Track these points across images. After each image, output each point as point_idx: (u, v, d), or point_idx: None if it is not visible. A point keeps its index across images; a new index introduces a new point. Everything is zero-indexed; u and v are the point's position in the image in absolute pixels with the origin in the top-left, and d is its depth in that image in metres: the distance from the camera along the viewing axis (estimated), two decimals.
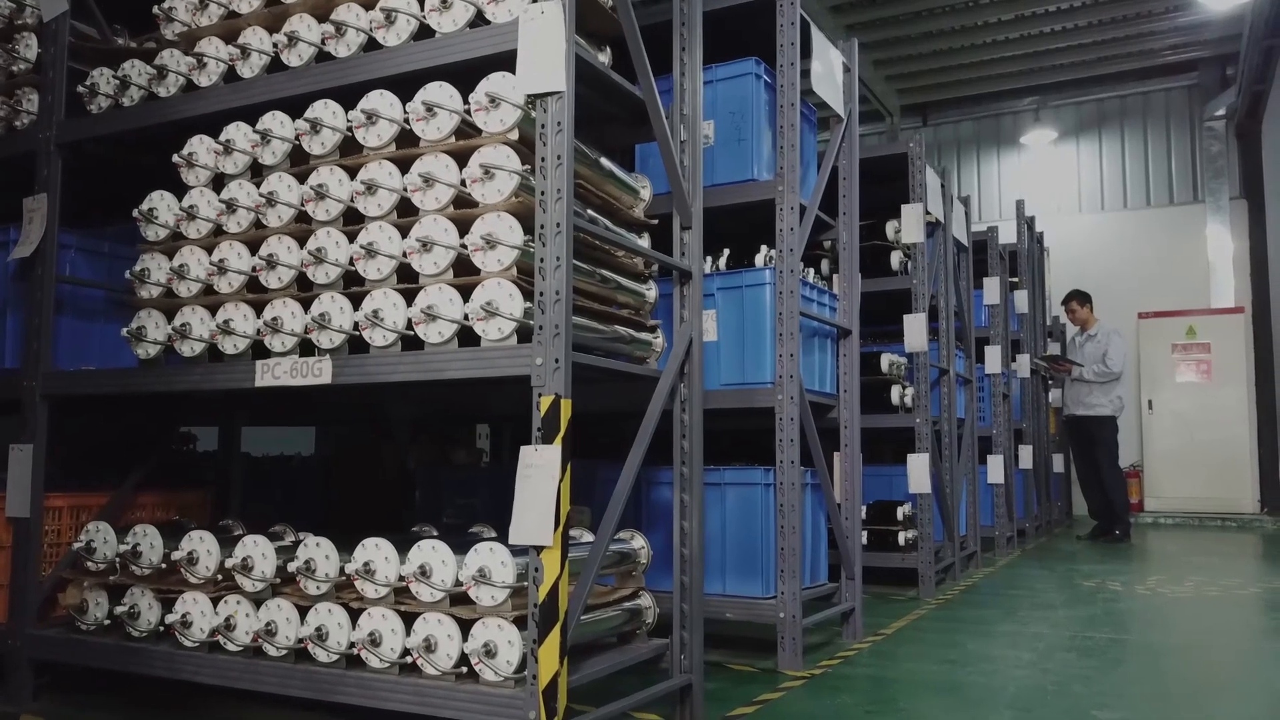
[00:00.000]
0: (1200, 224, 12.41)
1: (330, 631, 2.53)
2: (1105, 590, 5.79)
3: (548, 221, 2.31)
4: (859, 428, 4.40)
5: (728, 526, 3.88)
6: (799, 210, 3.81)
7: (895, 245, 5.92)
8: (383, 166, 2.58)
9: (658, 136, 2.89)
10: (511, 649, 2.31)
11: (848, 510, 4.34)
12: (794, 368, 3.72)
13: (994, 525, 7.77)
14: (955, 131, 14.32)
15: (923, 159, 5.75)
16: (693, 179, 3.04)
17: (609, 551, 2.87)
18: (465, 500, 4.44)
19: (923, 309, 5.65)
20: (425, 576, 2.42)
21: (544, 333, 2.30)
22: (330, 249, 2.63)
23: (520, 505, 2.27)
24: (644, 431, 2.75)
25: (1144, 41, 12.15)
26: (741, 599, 3.80)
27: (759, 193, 3.87)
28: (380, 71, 2.63)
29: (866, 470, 6.42)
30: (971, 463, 6.93)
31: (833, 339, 4.42)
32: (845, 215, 4.47)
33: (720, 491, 3.90)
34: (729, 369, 3.91)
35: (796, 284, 3.78)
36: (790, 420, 3.71)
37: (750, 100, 3.96)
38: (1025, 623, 4.69)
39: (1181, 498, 11.78)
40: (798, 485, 3.69)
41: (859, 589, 4.31)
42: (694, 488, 2.96)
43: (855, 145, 4.52)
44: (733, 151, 3.98)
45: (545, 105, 2.35)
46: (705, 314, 3.92)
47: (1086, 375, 8.89)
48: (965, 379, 6.97)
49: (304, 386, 2.62)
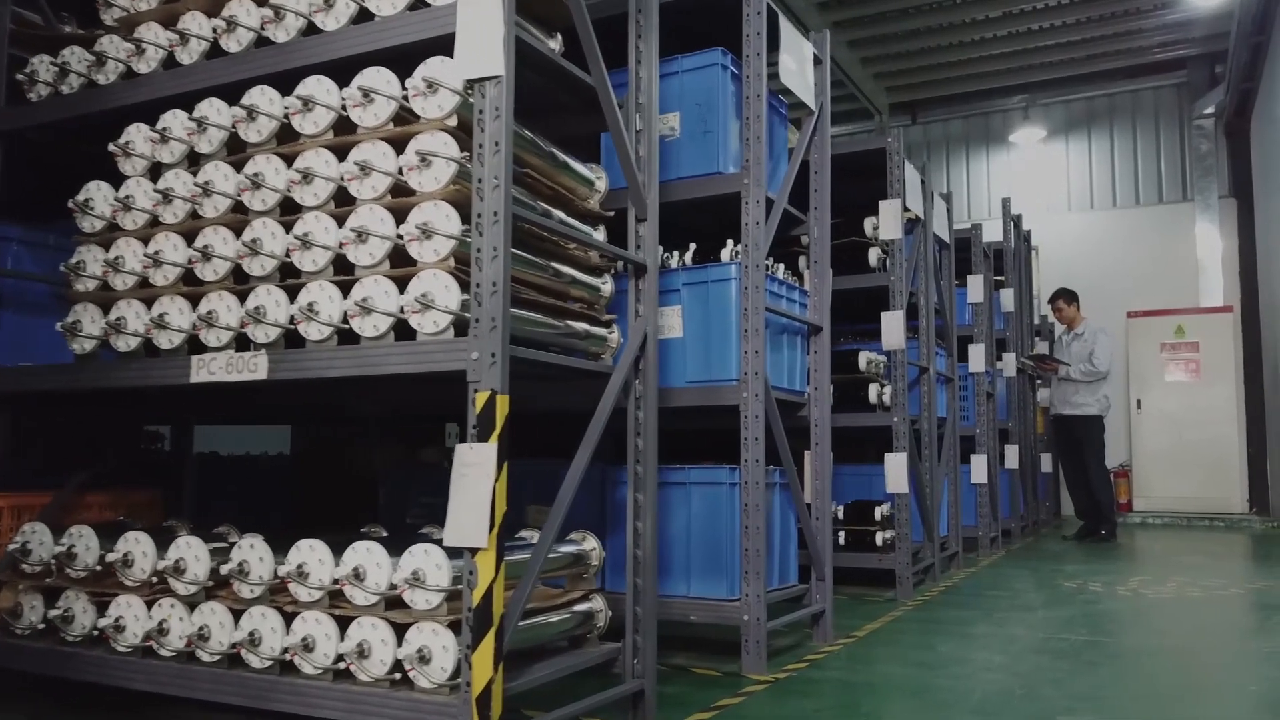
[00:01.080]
0: (1189, 223, 12.34)
1: (264, 636, 2.44)
2: (1086, 591, 5.72)
3: (484, 210, 2.23)
4: (829, 426, 4.32)
5: (693, 527, 3.80)
6: (765, 204, 3.73)
7: (873, 242, 5.84)
8: (319, 155, 2.50)
9: (610, 125, 2.81)
10: (446, 655, 2.22)
11: (818, 510, 4.26)
12: (759, 364, 3.64)
13: (977, 525, 7.69)
14: (944, 130, 14.25)
15: (901, 154, 5.67)
16: (648, 170, 2.96)
17: (560, 553, 2.79)
18: (430, 500, 4.36)
19: (900, 306, 5.57)
20: (359, 580, 2.34)
21: (480, 325, 2.21)
22: (266, 240, 2.54)
23: (455, 506, 2.19)
24: (593, 429, 2.66)
25: (1132, 39, 12.09)
26: (706, 601, 3.71)
27: (724, 186, 3.79)
28: (318, 57, 2.54)
29: (846, 469, 6.36)
30: (953, 462, 6.86)
31: (803, 336, 4.34)
32: (816, 210, 4.39)
33: (685, 491, 3.82)
34: (694, 366, 3.83)
35: (762, 279, 3.69)
36: (755, 418, 3.63)
37: (716, 92, 3.87)
38: (1001, 624, 4.61)
39: (1170, 498, 11.72)
40: (762, 485, 3.61)
41: (829, 590, 4.22)
42: (648, 487, 2.87)
43: (827, 139, 4.44)
44: (698, 144, 3.89)
45: (483, 90, 2.26)
46: (670, 310, 3.85)
47: (1073, 374, 8.81)
48: (947, 378, 6.89)
49: (241, 383, 2.53)
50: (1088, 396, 8.77)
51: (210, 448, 5.25)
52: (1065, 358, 9.01)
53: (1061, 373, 8.95)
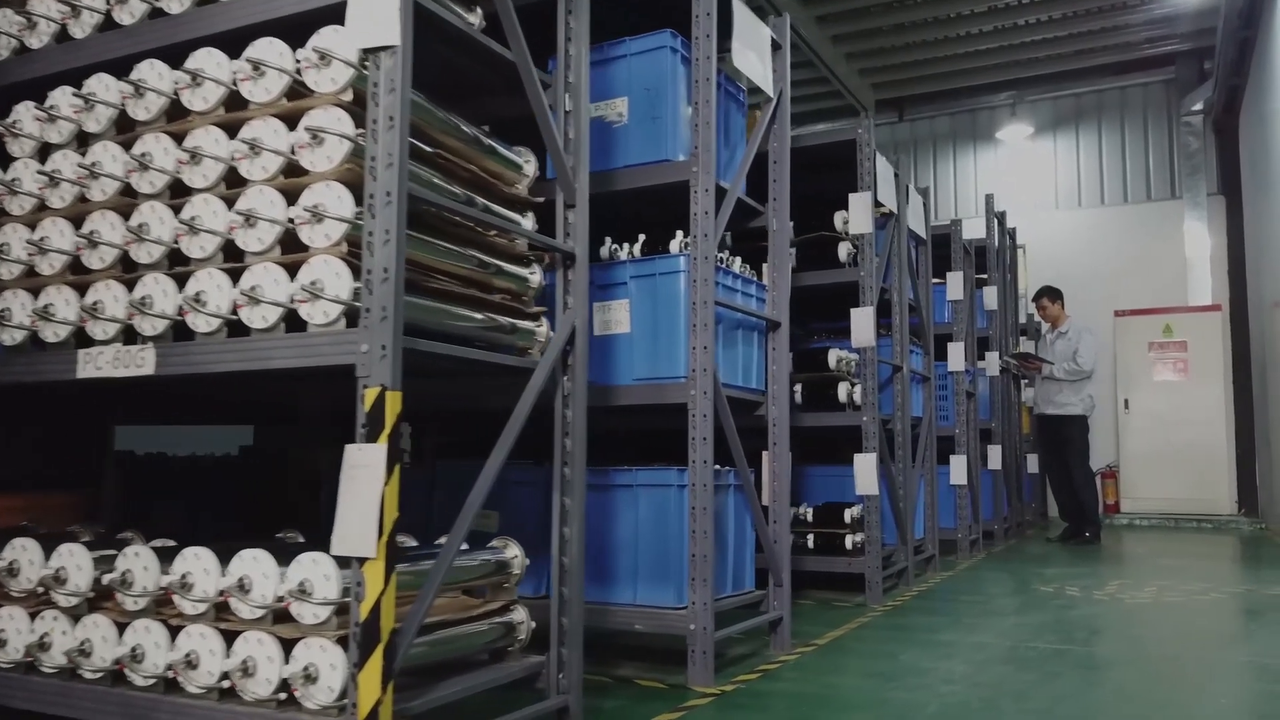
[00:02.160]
0: (1178, 221, 12.19)
1: (147, 652, 2.26)
2: (1062, 596, 5.55)
3: (377, 190, 2.05)
4: (788, 426, 4.15)
5: (640, 531, 3.62)
6: (714, 193, 3.55)
7: (844, 236, 5.66)
8: (209, 133, 2.32)
9: (532, 104, 2.64)
10: (335, 674, 2.05)
11: (776, 512, 4.09)
12: (707, 361, 3.47)
13: (956, 528, 7.53)
14: (931, 127, 14.08)
15: (872, 146, 5.50)
16: (577, 153, 2.79)
17: (479, 561, 2.62)
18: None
19: (870, 303, 5.39)
20: (244, 591, 2.16)
21: (370, 316, 2.04)
22: (154, 225, 2.36)
23: (342, 512, 2.01)
24: (510, 429, 2.49)
25: (1120, 35, 11.93)
26: (652, 609, 3.54)
27: (673, 174, 3.61)
28: (211, 27, 2.37)
29: (818, 470, 6.20)
30: (930, 463, 6.69)
31: (761, 332, 4.16)
32: (775, 202, 4.22)
33: (632, 494, 3.65)
34: (642, 362, 3.65)
35: (711, 272, 3.52)
36: (703, 417, 3.45)
37: (665, 76, 3.69)
38: (969, 631, 4.44)
39: (1158, 499, 11.56)
40: (710, 487, 3.43)
41: (788, 596, 4.05)
42: (575, 491, 2.70)
43: (786, 128, 4.26)
44: (647, 130, 3.71)
45: (378, 61, 2.09)
46: (617, 304, 3.68)
47: (1057, 373, 8.65)
48: (923, 376, 6.72)
49: (131, 378, 2.36)
50: (1072, 396, 8.62)
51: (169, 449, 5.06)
52: (1049, 356, 8.85)
53: (1045, 372, 8.79)
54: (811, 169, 6.08)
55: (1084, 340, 8.64)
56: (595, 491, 3.72)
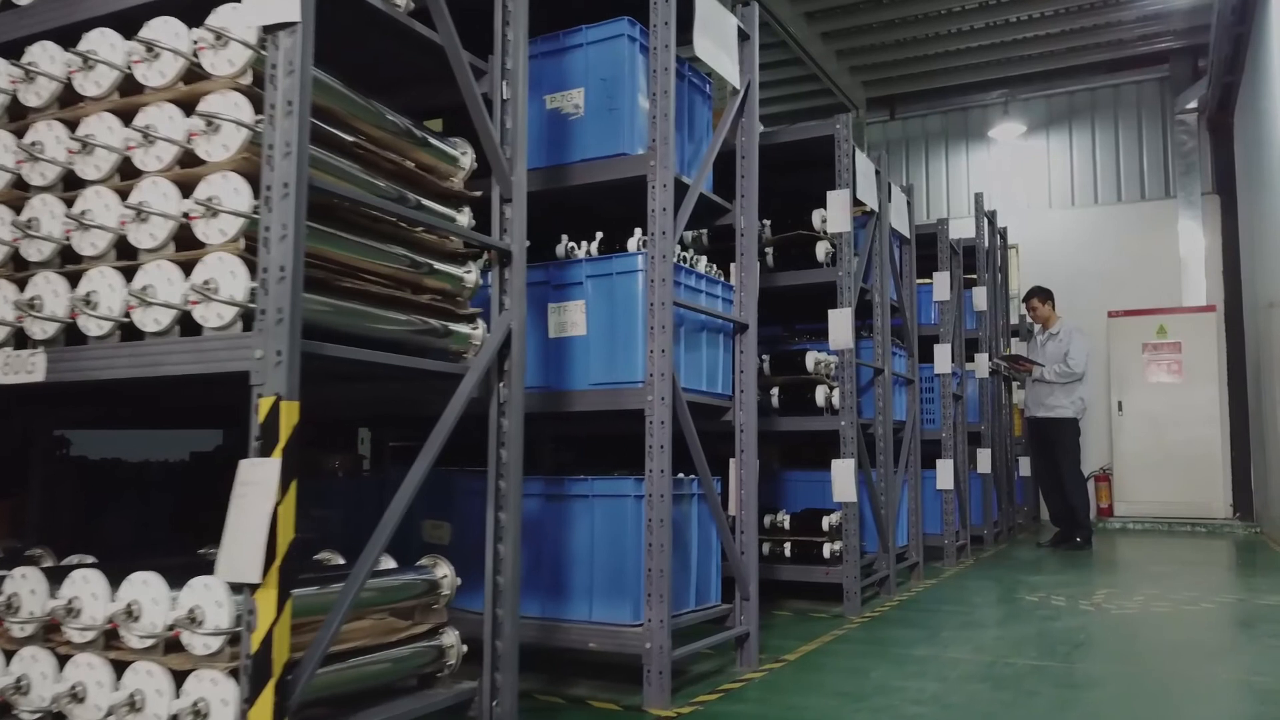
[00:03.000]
0: (1172, 220, 12.02)
1: (33, 683, 2.08)
2: (1047, 606, 5.38)
3: (274, 181, 1.88)
4: (755, 432, 3.98)
5: (596, 544, 3.45)
6: (673, 188, 3.38)
7: (822, 235, 5.49)
8: (103, 120, 2.14)
9: (462, 91, 2.46)
10: (225, 710, 1.87)
11: (744, 522, 3.92)
12: (666, 365, 3.29)
13: (943, 534, 7.36)
14: (923, 125, 13.91)
15: (850, 141, 5.32)
16: (514, 144, 2.61)
17: (405, 581, 2.44)
18: (321, 514, 4.00)
19: (849, 304, 5.22)
20: (132, 618, 1.98)
21: (265, 319, 1.86)
22: (45, 220, 2.19)
23: (229, 533, 1.84)
24: (434, 439, 2.31)
25: (1113, 31, 11.76)
26: (607, 626, 3.36)
27: (630, 168, 3.44)
28: (106, 6, 2.19)
29: (799, 476, 6.02)
30: (914, 468, 6.51)
31: (728, 334, 3.99)
32: (744, 198, 4.05)
33: (588, 505, 3.47)
34: (598, 366, 3.48)
35: (669, 271, 3.34)
36: (661, 424, 3.27)
37: (623, 65, 3.52)
38: (946, 645, 4.26)
39: (1152, 502, 11.39)
40: (668, 498, 3.26)
41: (755, 611, 3.87)
42: (510, 504, 2.53)
43: (754, 121, 4.09)
44: (604, 123, 3.54)
45: (276, 41, 1.91)
46: (573, 305, 3.51)
47: (1048, 376, 8.44)
48: (906, 379, 6.55)
49: (20, 385, 2.18)
50: (1063, 398, 8.42)
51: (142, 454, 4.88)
52: (1039, 358, 8.66)
53: (1036, 374, 8.55)
54: (790, 166, 5.93)
55: (1074, 342, 8.44)
56: (551, 501, 3.55)
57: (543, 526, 3.54)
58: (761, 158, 5.75)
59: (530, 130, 3.60)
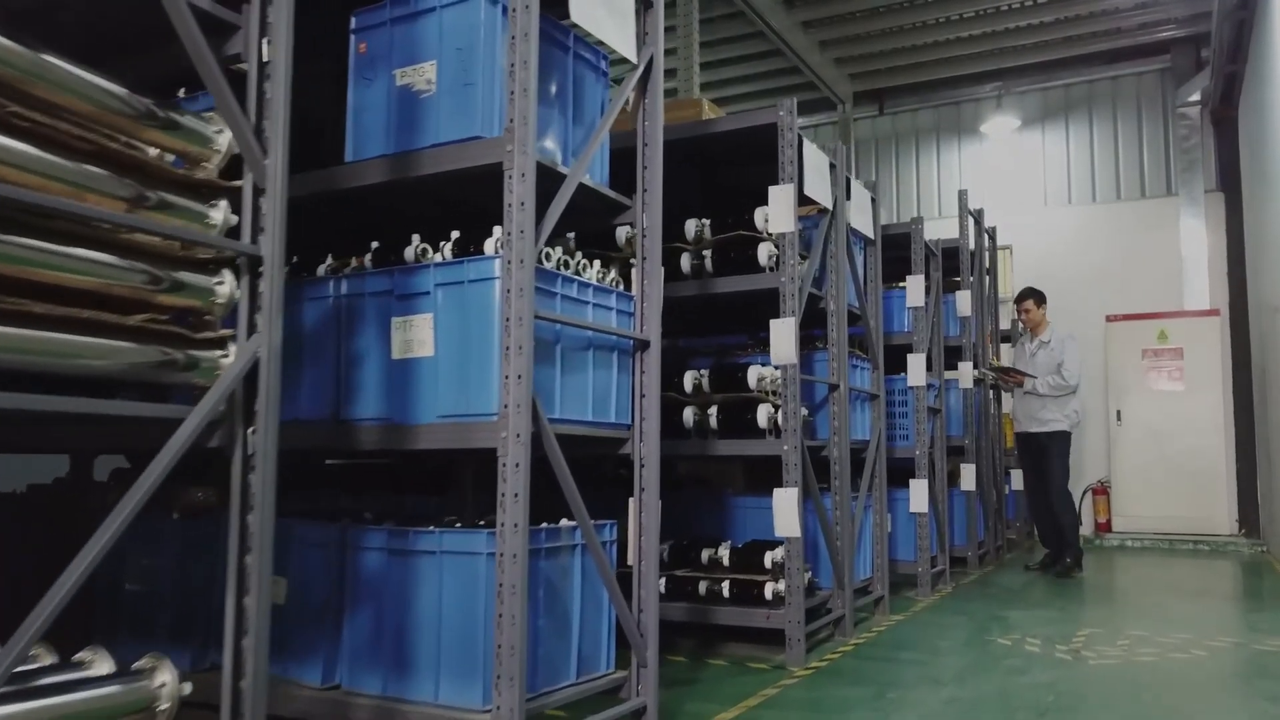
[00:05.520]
0: (1174, 219, 11.37)
1: None
2: (1019, 653, 4.77)
3: None
4: (658, 467, 3.38)
5: (445, 610, 2.86)
6: (535, 177, 2.79)
7: (766, 236, 4.89)
8: None
9: (186, 44, 1.88)
10: None
11: (643, 575, 3.33)
12: (524, 395, 2.70)
13: (917, 560, 6.75)
14: (913, 120, 13.28)
15: (794, 130, 4.72)
16: (275, 118, 2.03)
17: (102, 697, 1.85)
18: (149, 561, 3.43)
19: (793, 313, 4.63)
20: None
21: None
22: None
23: None
24: (132, 495, 1.73)
25: (1111, 20, 11.12)
26: (453, 711, 2.78)
27: (483, 154, 2.85)
28: None
29: (749, 503, 5.43)
30: (880, 491, 5.92)
31: (625, 353, 3.40)
32: (646, 193, 3.45)
33: (436, 563, 2.89)
34: (448, 395, 2.89)
35: (529, 279, 2.76)
36: (515, 468, 2.68)
37: (480, 31, 2.94)
38: (890, 711, 3.66)
39: (1152, 517, 10.74)
40: (521, 558, 2.66)
41: (653, 680, 3.28)
42: (260, 546, 1.94)
43: (658, 102, 3.50)
44: (458, 101, 2.95)
45: None
46: (419, 320, 2.92)
47: (1040, 389, 7.79)
48: (870, 394, 5.95)
49: None
50: (1056, 411, 7.79)
51: None
52: (1029, 368, 8.01)
53: (1028, 386, 7.90)
54: (734, 160, 5.35)
55: (1069, 351, 7.80)
56: (395, 557, 2.97)
57: (386, 586, 2.96)
58: (702, 150, 5.23)
59: (377, 111, 3.06)
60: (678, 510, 5.57)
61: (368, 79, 3.10)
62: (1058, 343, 7.88)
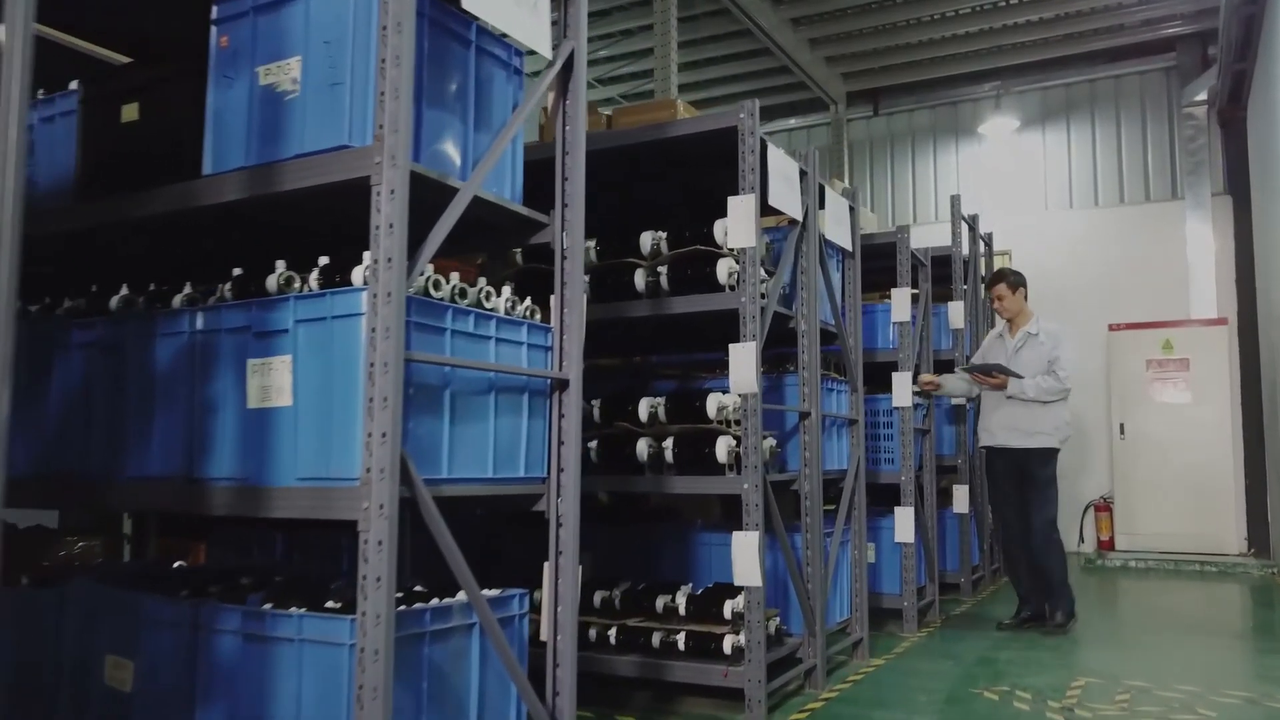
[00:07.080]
0: (1179, 223, 10.88)
1: None
2: (1005, 710, 4.30)
3: None
4: (577, 527, 2.93)
5: (304, 709, 2.41)
6: (406, 194, 2.33)
7: (726, 251, 4.43)
8: None
9: None
10: None
11: (560, 652, 2.87)
12: (388, 457, 2.24)
13: (901, 594, 6.29)
14: (909, 121, 12.80)
15: (756, 134, 4.25)
16: None
17: None
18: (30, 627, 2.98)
19: (754, 336, 4.17)
20: None
21: None
22: None
23: None
24: None
25: (1114, 16, 10.65)
26: None
27: (350, 166, 2.39)
28: None
29: (715, 539, 4.97)
30: (859, 524, 5.45)
31: (539, 395, 2.94)
32: (566, 208, 2.99)
33: (296, 651, 2.43)
34: (308, 454, 2.43)
35: (399, 317, 2.30)
36: (378, 546, 2.23)
37: (351, 22, 2.48)
38: None
39: (1157, 535, 10.24)
40: (384, 653, 2.20)
41: None
42: None
43: (580, 105, 3.03)
44: (325, 104, 2.49)
45: None
46: (277, 363, 2.46)
47: (1028, 392, 6.10)
48: (849, 420, 5.48)
49: None
50: (1046, 422, 6.15)
51: None
52: (1014, 368, 6.26)
53: (1012, 389, 6.18)
54: (697, 167, 4.88)
55: (1062, 345, 6.23)
56: (251, 643, 2.51)
57: (240, 675, 2.51)
58: (660, 155, 4.74)
59: (238, 115, 2.60)
60: (635, 547, 5.13)
61: (229, 78, 2.65)
62: (1047, 335, 6.28)
